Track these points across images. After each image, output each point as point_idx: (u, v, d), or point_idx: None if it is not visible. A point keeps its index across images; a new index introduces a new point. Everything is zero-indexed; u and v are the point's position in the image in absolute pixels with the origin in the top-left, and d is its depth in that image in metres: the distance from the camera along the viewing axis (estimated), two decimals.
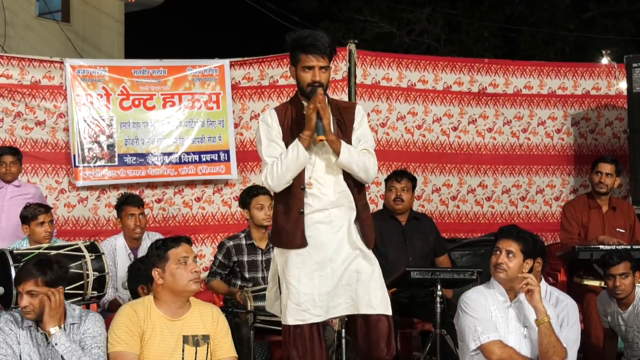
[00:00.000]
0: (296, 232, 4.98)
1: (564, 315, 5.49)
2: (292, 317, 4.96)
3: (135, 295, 5.92)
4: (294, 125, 5.02)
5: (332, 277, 5.01)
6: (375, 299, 5.06)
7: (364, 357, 5.12)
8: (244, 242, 7.07)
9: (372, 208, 8.64)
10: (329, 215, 5.02)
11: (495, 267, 5.28)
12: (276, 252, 5.12)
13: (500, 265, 5.25)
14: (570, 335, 5.40)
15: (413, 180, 7.37)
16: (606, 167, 7.58)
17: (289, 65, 5.13)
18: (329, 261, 5.01)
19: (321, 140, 4.90)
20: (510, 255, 5.24)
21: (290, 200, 5.00)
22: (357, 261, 5.07)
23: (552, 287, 5.77)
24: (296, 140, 4.93)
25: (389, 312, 5.09)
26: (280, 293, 5.10)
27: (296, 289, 4.97)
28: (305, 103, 5.03)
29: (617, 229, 7.59)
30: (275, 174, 4.94)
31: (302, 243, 4.98)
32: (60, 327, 4.87)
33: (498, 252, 5.28)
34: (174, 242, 4.97)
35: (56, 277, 4.92)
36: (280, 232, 5.04)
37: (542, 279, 5.73)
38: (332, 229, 5.03)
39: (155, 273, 4.94)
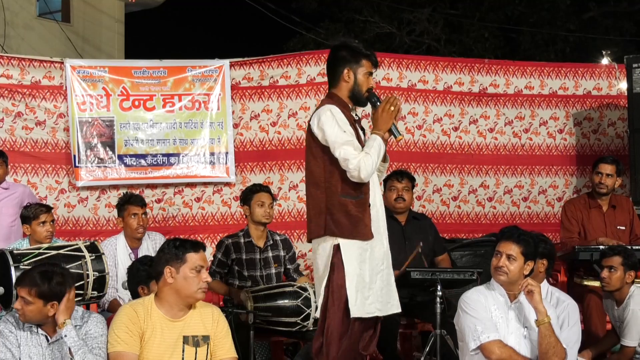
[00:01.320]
0: (369, 225, 5.18)
1: (564, 315, 5.50)
2: (361, 310, 5.13)
3: (135, 296, 5.91)
4: (352, 124, 5.23)
5: (387, 273, 5.30)
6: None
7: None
8: (242, 240, 7.09)
9: None
10: (378, 210, 5.29)
11: (495, 270, 5.28)
12: (344, 246, 5.14)
13: (501, 268, 5.25)
14: (570, 336, 5.41)
15: (412, 180, 7.39)
16: (606, 168, 7.58)
17: (345, 69, 5.27)
18: (384, 257, 5.29)
19: (399, 140, 5.37)
20: (511, 258, 5.25)
21: (362, 194, 5.17)
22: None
23: (553, 287, 5.78)
24: (376, 136, 5.17)
25: None
26: (331, 283, 5.16)
27: (366, 282, 5.16)
28: (351, 105, 5.32)
29: (618, 227, 7.60)
30: (370, 166, 5.06)
31: (371, 235, 5.19)
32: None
33: (499, 255, 5.28)
34: (194, 248, 4.95)
35: (51, 292, 4.87)
36: (357, 223, 5.14)
37: (545, 280, 5.75)
38: (380, 225, 5.28)
39: (167, 271, 4.91)
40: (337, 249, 5.14)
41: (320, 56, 8.85)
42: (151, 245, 7.17)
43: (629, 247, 7.00)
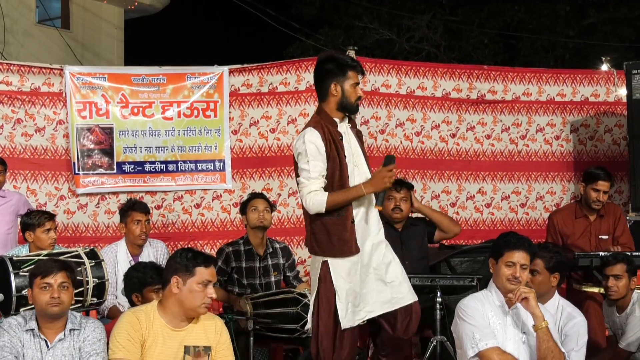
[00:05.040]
0: (352, 241, 5.35)
1: (574, 332, 5.53)
2: (351, 321, 5.36)
3: (131, 303, 5.92)
4: (332, 143, 5.36)
5: (380, 270, 5.49)
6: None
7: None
8: (242, 248, 7.10)
9: None
10: (363, 219, 5.44)
11: (510, 280, 5.27)
12: (332, 262, 5.36)
13: (517, 278, 5.26)
14: (576, 358, 5.43)
15: (411, 189, 7.38)
16: (605, 185, 7.48)
17: (332, 83, 5.41)
18: (372, 257, 5.47)
19: (377, 208, 5.44)
20: (524, 267, 5.29)
21: (343, 212, 5.34)
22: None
23: (565, 301, 5.79)
24: (359, 189, 5.32)
25: None
26: (319, 295, 5.39)
27: (357, 292, 5.38)
28: (337, 120, 5.44)
29: (600, 237, 7.56)
30: (317, 204, 5.27)
31: (357, 250, 5.37)
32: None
33: (513, 266, 5.27)
34: (205, 262, 4.95)
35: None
36: (338, 241, 5.34)
37: (556, 293, 5.76)
38: (369, 231, 5.46)
39: (174, 280, 4.91)
40: (325, 264, 5.36)
41: None
42: (152, 252, 7.19)
43: (630, 253, 7.02)
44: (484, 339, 5.20)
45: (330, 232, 5.33)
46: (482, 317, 5.27)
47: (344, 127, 5.48)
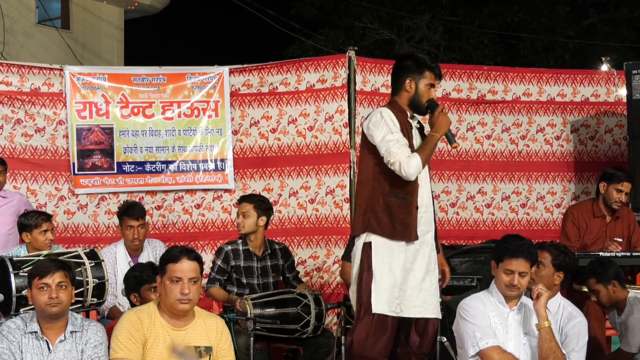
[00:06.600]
0: (414, 227, 5.41)
1: (575, 332, 5.51)
2: (384, 307, 5.35)
3: (131, 304, 5.93)
4: (403, 127, 5.46)
5: (422, 275, 5.47)
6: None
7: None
8: (241, 247, 7.10)
9: None
10: (425, 212, 5.52)
11: (508, 287, 5.28)
12: (376, 245, 5.39)
13: (515, 286, 5.26)
14: (578, 358, 5.42)
15: None
16: (628, 186, 7.51)
17: (407, 79, 5.56)
18: (417, 257, 5.46)
19: (455, 147, 5.66)
20: (523, 274, 5.28)
21: (409, 196, 5.43)
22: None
23: (565, 300, 5.78)
24: (433, 136, 5.45)
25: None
26: (361, 280, 5.41)
27: (397, 282, 5.38)
28: (410, 113, 5.58)
29: (615, 239, 7.56)
30: (414, 166, 5.29)
31: (416, 236, 5.42)
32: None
33: (511, 274, 5.25)
34: (175, 258, 4.92)
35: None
36: (400, 225, 5.39)
37: (559, 293, 5.74)
38: (424, 227, 5.48)
39: (158, 280, 4.98)
40: (368, 247, 5.40)
41: (320, 63, 8.85)
42: (151, 252, 7.19)
43: (628, 253, 7.05)
44: (485, 338, 5.21)
45: (394, 215, 5.38)
46: (484, 317, 5.28)
47: (413, 122, 5.58)
